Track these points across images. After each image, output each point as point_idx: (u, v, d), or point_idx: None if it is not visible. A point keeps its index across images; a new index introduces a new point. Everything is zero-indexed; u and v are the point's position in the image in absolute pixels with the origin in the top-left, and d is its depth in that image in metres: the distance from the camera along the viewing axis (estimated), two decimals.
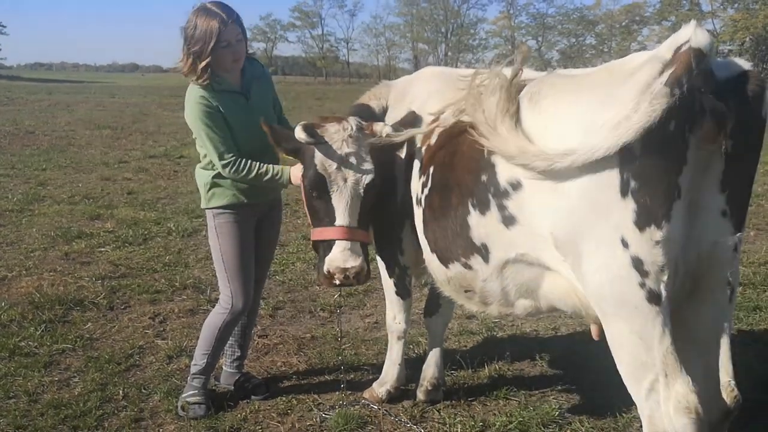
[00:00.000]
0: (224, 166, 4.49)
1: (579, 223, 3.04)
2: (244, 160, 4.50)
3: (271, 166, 4.53)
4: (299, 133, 4.09)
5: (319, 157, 4.14)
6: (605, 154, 2.76)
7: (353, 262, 4.10)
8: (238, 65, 4.62)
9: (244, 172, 4.50)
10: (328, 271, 4.15)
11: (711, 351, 3.14)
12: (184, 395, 4.88)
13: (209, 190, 4.70)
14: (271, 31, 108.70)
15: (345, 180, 4.13)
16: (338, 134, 4.14)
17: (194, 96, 4.51)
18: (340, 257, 4.11)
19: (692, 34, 2.72)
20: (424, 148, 4.20)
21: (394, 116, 4.61)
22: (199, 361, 4.91)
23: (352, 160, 4.12)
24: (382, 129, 4.19)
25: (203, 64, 4.42)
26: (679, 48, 2.75)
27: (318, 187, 4.17)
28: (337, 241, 4.14)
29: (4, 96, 40.71)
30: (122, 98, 44.06)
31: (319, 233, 4.25)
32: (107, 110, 33.23)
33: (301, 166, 4.34)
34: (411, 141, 4.36)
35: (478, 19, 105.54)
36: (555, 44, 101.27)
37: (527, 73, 4.18)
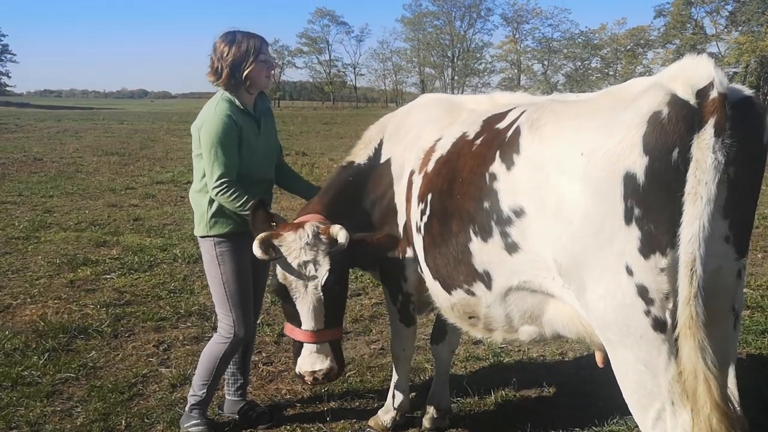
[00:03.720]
0: (217, 186, 4.52)
1: (583, 251, 3.01)
2: (236, 187, 4.55)
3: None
4: (255, 250, 4.12)
5: (278, 269, 4.19)
6: (692, 230, 2.68)
7: (320, 365, 4.20)
8: (268, 82, 4.82)
9: (232, 198, 4.54)
10: (299, 373, 4.28)
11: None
12: (186, 425, 4.84)
13: (211, 216, 4.70)
14: (279, 57, 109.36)
15: (306, 287, 4.15)
16: (295, 243, 4.15)
17: (221, 112, 4.57)
18: (308, 361, 4.22)
19: (716, 78, 2.70)
20: (421, 175, 4.19)
21: (391, 148, 4.65)
22: (198, 391, 4.87)
23: (310, 267, 4.13)
24: (338, 233, 4.17)
25: (246, 72, 4.60)
26: (704, 92, 2.71)
27: (281, 295, 4.25)
28: (305, 344, 4.23)
29: (12, 123, 41.06)
30: (130, 124, 44.34)
31: (289, 330, 4.35)
32: (115, 136, 33.44)
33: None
34: (409, 168, 4.36)
35: (484, 43, 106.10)
36: (561, 68, 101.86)
37: (526, 98, 4.19)
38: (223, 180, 4.51)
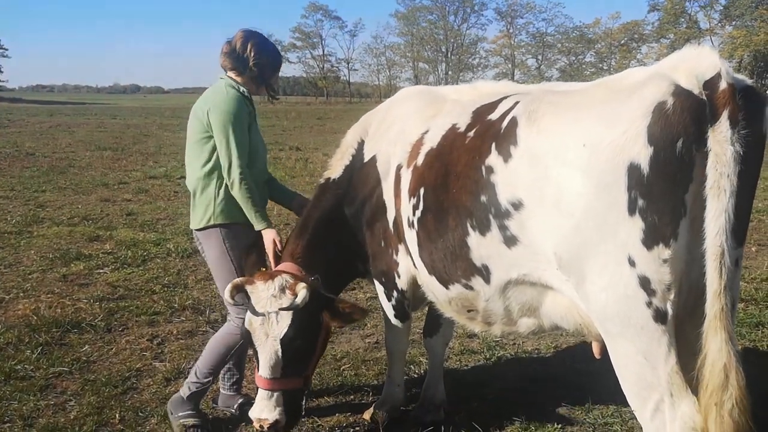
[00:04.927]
0: (239, 174, 4.54)
1: (584, 243, 2.99)
2: (250, 179, 4.60)
3: (260, 208, 4.66)
4: (226, 295, 4.24)
5: (248, 314, 4.28)
6: (719, 223, 2.69)
7: (267, 415, 4.21)
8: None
9: (247, 189, 4.56)
10: (250, 417, 4.32)
11: None
12: (180, 413, 4.77)
13: (220, 202, 4.68)
14: None
15: (266, 336, 4.21)
16: (263, 293, 4.23)
17: (234, 94, 4.65)
18: (258, 407, 4.25)
19: (723, 68, 2.72)
20: (410, 169, 4.15)
21: (374, 145, 4.63)
22: (203, 378, 4.80)
23: (272, 319, 4.19)
24: (299, 292, 4.17)
25: (269, 80, 4.95)
26: (712, 83, 2.73)
27: (246, 339, 4.33)
28: (259, 389, 4.27)
29: (5, 118, 40.88)
30: (123, 119, 44.20)
31: (255, 370, 4.38)
32: (108, 131, 33.31)
33: (273, 233, 4.69)
34: (396, 163, 4.34)
35: (478, 38, 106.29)
36: (555, 62, 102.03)
37: (510, 86, 4.15)
38: (240, 163, 4.55)
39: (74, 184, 16.11)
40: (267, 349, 4.21)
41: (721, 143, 2.66)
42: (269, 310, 4.19)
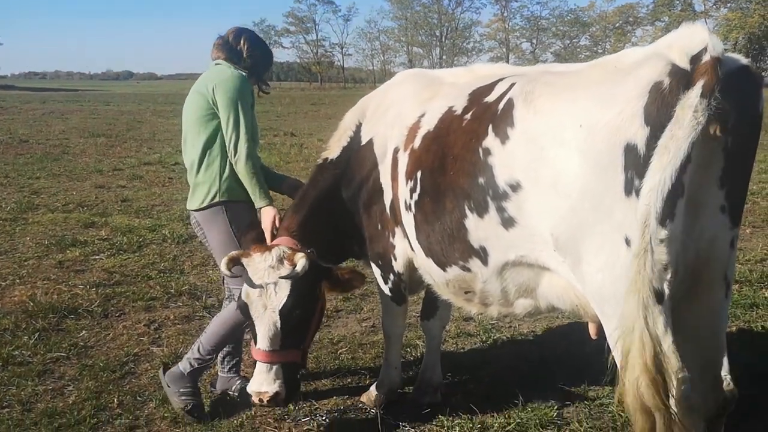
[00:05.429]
0: (246, 150, 4.59)
1: (581, 224, 3.00)
2: (255, 157, 4.69)
3: (263, 185, 4.72)
4: (222, 267, 4.27)
5: (244, 286, 4.28)
6: (651, 182, 2.65)
7: (267, 387, 4.20)
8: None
9: (251, 165, 4.63)
10: (248, 392, 4.31)
11: (708, 347, 3.11)
12: (180, 390, 4.76)
13: (225, 179, 4.73)
14: (266, 37, 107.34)
15: (264, 308, 4.21)
16: (260, 264, 4.24)
17: (239, 74, 4.74)
18: (257, 381, 4.23)
19: (710, 43, 2.70)
20: (407, 153, 4.15)
21: (372, 128, 4.64)
22: (205, 355, 4.81)
23: (270, 290, 4.19)
24: (297, 260, 4.18)
25: (265, 73, 5.17)
26: (697, 57, 2.72)
27: (244, 312, 4.32)
28: (258, 362, 4.25)
29: None
30: (116, 106, 43.96)
31: (251, 346, 4.37)
32: (101, 118, 33.12)
33: (274, 211, 4.73)
34: (392, 146, 4.35)
35: (473, 22, 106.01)
36: (549, 46, 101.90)
37: (506, 68, 4.16)
38: (247, 138, 4.60)
39: (68, 170, 16.06)
40: (265, 321, 4.20)
41: (685, 108, 2.63)
42: (267, 281, 4.18)
